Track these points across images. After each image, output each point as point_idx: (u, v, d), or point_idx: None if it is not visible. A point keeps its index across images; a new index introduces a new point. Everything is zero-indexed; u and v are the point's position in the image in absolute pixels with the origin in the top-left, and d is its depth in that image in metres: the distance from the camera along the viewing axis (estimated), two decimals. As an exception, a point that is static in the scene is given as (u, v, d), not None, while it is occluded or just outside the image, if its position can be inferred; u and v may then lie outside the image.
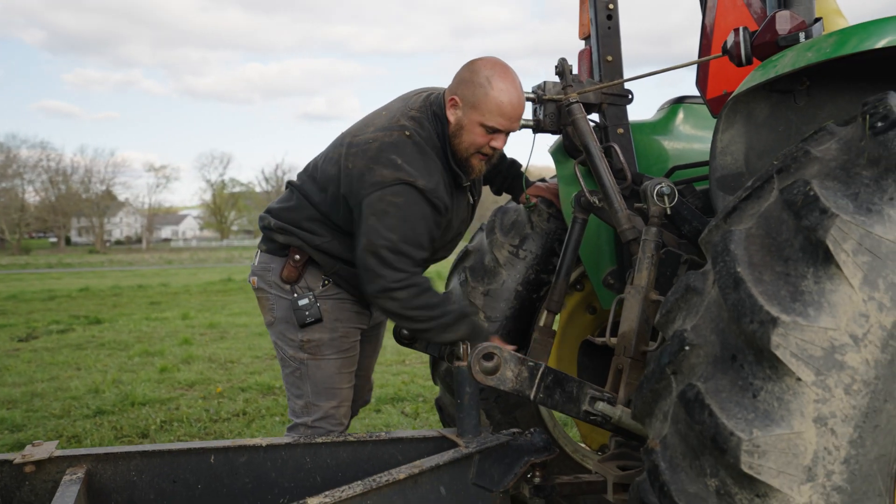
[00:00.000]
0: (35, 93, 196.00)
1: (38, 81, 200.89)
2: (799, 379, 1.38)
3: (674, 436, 1.54)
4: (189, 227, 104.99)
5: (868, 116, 1.54)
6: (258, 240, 3.17)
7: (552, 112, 2.85)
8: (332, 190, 2.78)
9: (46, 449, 2.57)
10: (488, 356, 2.12)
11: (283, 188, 3.06)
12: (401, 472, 2.08)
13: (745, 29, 2.08)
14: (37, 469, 2.50)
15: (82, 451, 2.56)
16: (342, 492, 1.97)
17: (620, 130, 2.92)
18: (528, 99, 2.87)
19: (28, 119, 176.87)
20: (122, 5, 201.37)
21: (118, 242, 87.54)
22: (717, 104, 2.70)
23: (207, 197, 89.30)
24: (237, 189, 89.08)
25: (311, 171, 2.95)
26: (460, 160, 2.75)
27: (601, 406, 2.16)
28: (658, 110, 3.30)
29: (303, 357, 2.86)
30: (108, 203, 79.37)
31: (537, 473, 2.34)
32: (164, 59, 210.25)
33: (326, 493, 1.95)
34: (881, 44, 1.75)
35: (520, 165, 3.19)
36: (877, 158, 1.47)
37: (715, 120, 2.87)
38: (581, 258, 2.97)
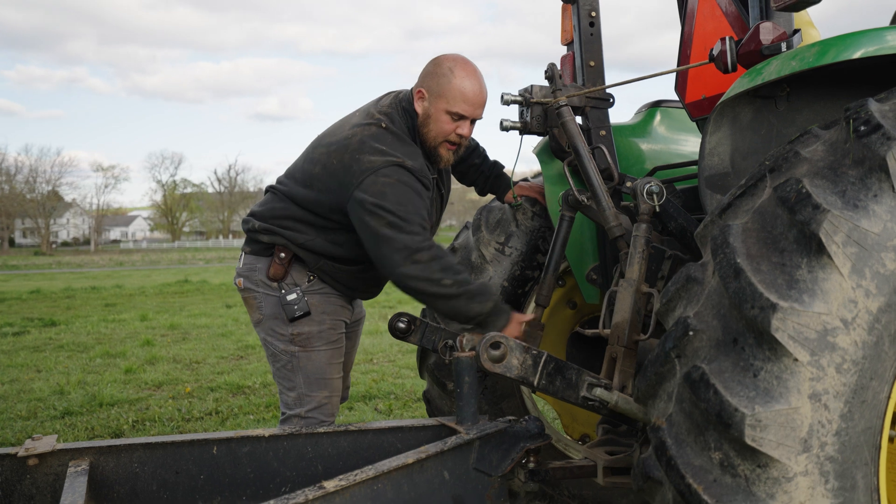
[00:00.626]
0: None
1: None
2: (796, 359, 1.52)
3: (679, 414, 1.67)
4: (139, 229, 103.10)
5: (851, 121, 1.68)
6: (210, 241, 3.26)
7: (539, 114, 2.97)
8: (317, 186, 2.88)
9: (48, 442, 2.59)
10: (495, 345, 2.23)
11: (234, 187, 3.18)
12: (409, 457, 2.17)
13: (730, 39, 2.23)
14: (39, 462, 2.53)
15: (85, 444, 2.59)
16: (356, 475, 2.05)
17: (603, 132, 3.06)
18: (514, 102, 3.00)
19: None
20: (66, 1, 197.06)
21: (65, 244, 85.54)
22: (695, 108, 2.85)
23: (158, 198, 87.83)
24: (189, 190, 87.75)
25: (292, 174, 3.05)
26: (430, 150, 2.89)
27: (598, 392, 2.28)
28: (636, 113, 3.45)
29: (294, 350, 2.95)
30: (54, 204, 77.49)
31: (531, 459, 2.45)
32: (110, 56, 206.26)
33: (341, 476, 2.04)
34: (857, 55, 1.90)
35: (502, 166, 3.32)
36: (861, 159, 1.62)
37: (692, 122, 3.04)
38: (565, 255, 3.10)
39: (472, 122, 2.90)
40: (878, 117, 1.65)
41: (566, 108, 2.80)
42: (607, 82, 3.04)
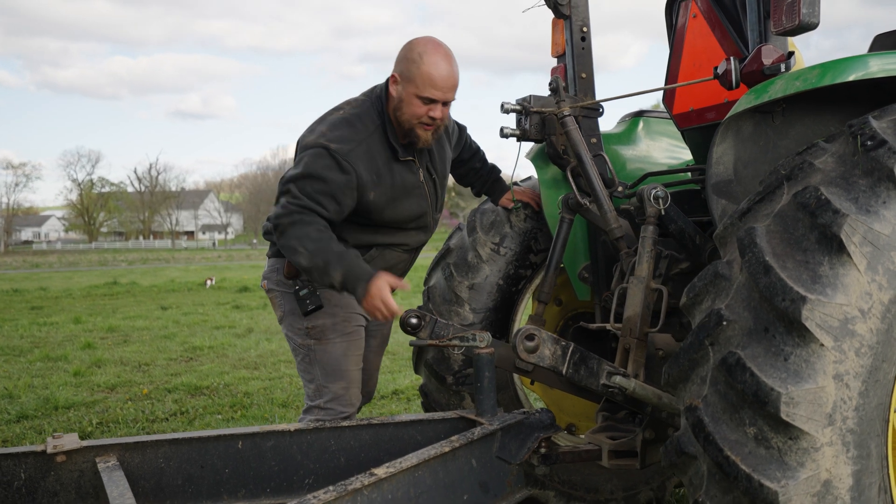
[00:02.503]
0: None
1: None
2: (822, 344, 1.74)
3: (714, 395, 1.87)
4: (52, 229, 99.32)
5: (858, 136, 1.92)
6: (131, 242, 3.40)
7: (537, 123, 3.16)
8: None
9: (72, 440, 2.64)
10: (530, 337, 2.41)
11: (155, 187, 3.35)
12: (444, 447, 2.33)
13: (734, 59, 2.46)
14: (66, 459, 2.57)
15: (110, 440, 2.65)
16: (401, 463, 2.20)
17: (594, 140, 3.27)
18: (514, 111, 3.19)
19: None
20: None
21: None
22: (683, 119, 3.09)
23: (74, 197, 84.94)
24: (107, 189, 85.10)
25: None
26: (406, 131, 3.02)
27: (618, 379, 2.49)
28: (619, 122, 3.68)
29: (310, 343, 3.08)
30: (-40, 203, 74.06)
31: (543, 445, 2.64)
32: (18, 48, 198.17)
33: (388, 463, 2.18)
34: (850, 78, 2.16)
35: (499, 171, 3.50)
36: (870, 170, 1.86)
37: (673, 131, 3.28)
38: (558, 253, 3.30)
39: (445, 104, 3.01)
40: (882, 133, 1.89)
41: (570, 118, 3.00)
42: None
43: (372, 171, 2.97)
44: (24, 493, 2.58)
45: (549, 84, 3.10)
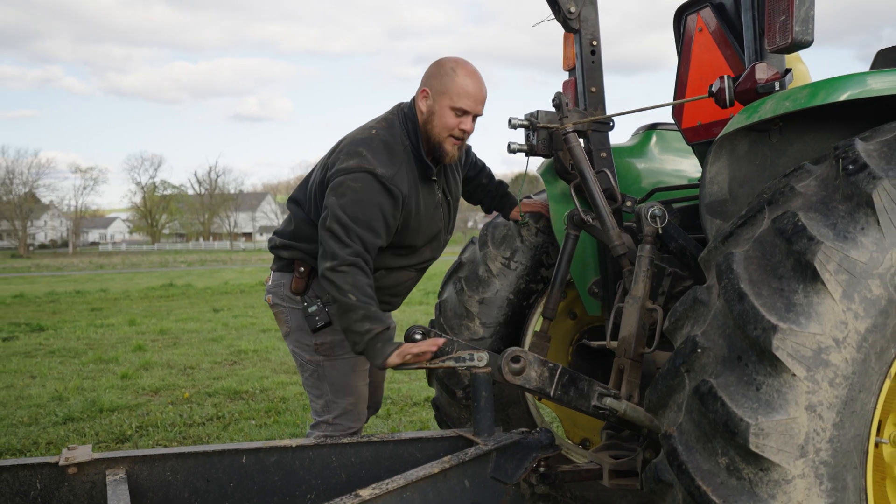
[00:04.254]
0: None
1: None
2: (794, 374, 1.72)
3: (688, 423, 1.86)
4: (118, 231, 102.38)
5: (841, 160, 1.88)
6: (191, 244, 3.43)
7: (544, 138, 3.16)
8: (318, 192, 3.07)
9: (84, 452, 2.75)
10: (516, 359, 2.42)
11: (214, 189, 3.35)
12: (434, 467, 2.35)
13: (728, 77, 2.43)
14: (78, 471, 2.68)
15: (121, 453, 2.75)
16: (387, 484, 2.23)
17: (604, 154, 3.25)
18: (521, 126, 3.19)
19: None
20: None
21: (42, 246, 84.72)
22: (692, 133, 3.05)
23: (137, 199, 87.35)
24: (169, 191, 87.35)
25: (307, 180, 3.24)
26: (435, 145, 3.05)
27: (609, 401, 2.48)
28: (633, 135, 3.65)
29: (319, 359, 3.13)
30: (31, 206, 76.80)
31: (542, 463, 2.64)
32: (85, 55, 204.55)
33: (374, 485, 2.21)
34: (843, 97, 2.11)
35: (506, 185, 3.52)
36: (850, 195, 1.82)
37: (687, 145, 3.24)
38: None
39: (474, 118, 3.05)
40: (864, 157, 1.85)
41: (573, 134, 2.99)
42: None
43: (409, 193, 3.02)
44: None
45: (553, 100, 3.09)
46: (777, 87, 2.33)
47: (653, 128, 3.55)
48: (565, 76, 3.46)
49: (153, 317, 14.20)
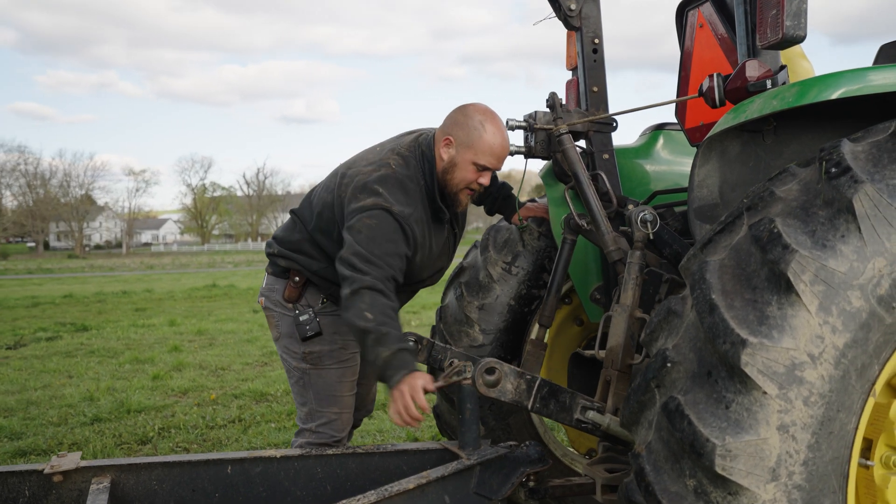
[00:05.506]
0: (7, 94, 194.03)
1: (11, 83, 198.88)
2: (765, 392, 1.60)
3: (657, 442, 1.76)
4: (169, 232, 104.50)
5: (824, 162, 1.76)
6: (240, 244, 3.40)
7: (543, 140, 3.07)
8: (327, 214, 3.04)
9: (72, 459, 2.74)
10: (490, 370, 2.33)
11: (262, 191, 3.30)
12: (410, 483, 2.28)
13: (718, 75, 2.31)
14: (64, 479, 2.67)
15: (107, 461, 2.73)
16: (357, 500, 2.17)
17: (606, 156, 3.14)
18: (519, 127, 3.11)
19: (0, 121, 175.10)
20: (95, 4, 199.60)
21: (98, 247, 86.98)
22: (694, 134, 2.93)
23: (188, 201, 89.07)
24: (218, 193, 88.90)
25: (310, 197, 3.21)
26: (450, 194, 3.01)
27: (591, 415, 2.38)
28: (640, 136, 3.53)
29: (305, 367, 3.10)
30: (87, 207, 78.85)
31: (531, 478, 2.55)
32: (139, 60, 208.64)
33: (343, 501, 2.15)
34: (835, 95, 1.98)
35: (510, 188, 3.42)
36: (831, 200, 1.70)
37: (693, 147, 3.11)
38: (570, 275, 3.19)
39: (493, 171, 3.03)
40: (849, 159, 1.73)
41: (567, 135, 2.89)
42: (618, 100, 3.13)
43: (420, 233, 2.97)
44: (28, 511, 2.70)
45: (547, 100, 3.00)
46: (769, 86, 2.20)
47: (660, 128, 3.43)
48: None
49: (194, 317, 14.39)
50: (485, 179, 2.97)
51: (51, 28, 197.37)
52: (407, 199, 2.91)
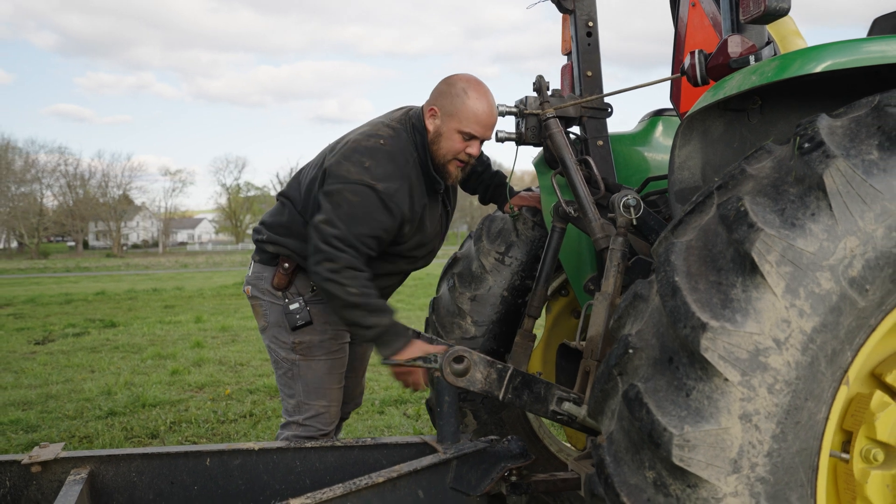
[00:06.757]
0: (48, 96, 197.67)
1: (51, 85, 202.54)
2: (726, 379, 1.51)
3: (619, 432, 1.67)
4: (205, 231, 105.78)
5: (798, 137, 1.66)
6: None
7: (534, 126, 2.98)
8: (315, 191, 2.95)
9: (53, 450, 2.72)
10: (458, 359, 2.26)
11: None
12: (380, 476, 2.22)
13: (700, 52, 2.21)
14: (43, 469, 2.65)
15: (86, 452, 2.71)
16: (323, 493, 2.11)
17: (600, 143, 3.06)
18: (510, 113, 3.02)
19: (42, 122, 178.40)
20: (130, 6, 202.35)
21: (135, 246, 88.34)
22: (689, 118, 2.82)
23: (223, 201, 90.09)
24: (252, 193, 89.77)
25: (299, 178, 3.15)
26: (439, 166, 2.93)
27: (567, 406, 2.29)
28: (639, 122, 3.43)
29: (294, 358, 3.03)
30: (124, 207, 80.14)
31: (514, 473, 2.47)
32: (175, 61, 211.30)
33: (308, 494, 2.10)
34: (819, 68, 1.87)
35: (504, 176, 3.34)
36: (802, 177, 1.60)
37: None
38: (563, 265, 3.10)
39: (482, 142, 2.94)
40: (824, 134, 1.63)
41: (553, 120, 2.81)
42: (618, 87, 3.04)
43: (411, 207, 2.91)
44: (9, 502, 2.69)
45: (533, 83, 2.91)
46: (752, 62, 2.10)
47: (659, 114, 3.32)
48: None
49: (220, 314, 14.49)
50: (473, 149, 2.89)
51: (89, 31, 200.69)
52: (396, 172, 2.84)
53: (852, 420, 1.74)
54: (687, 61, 2.24)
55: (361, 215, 2.76)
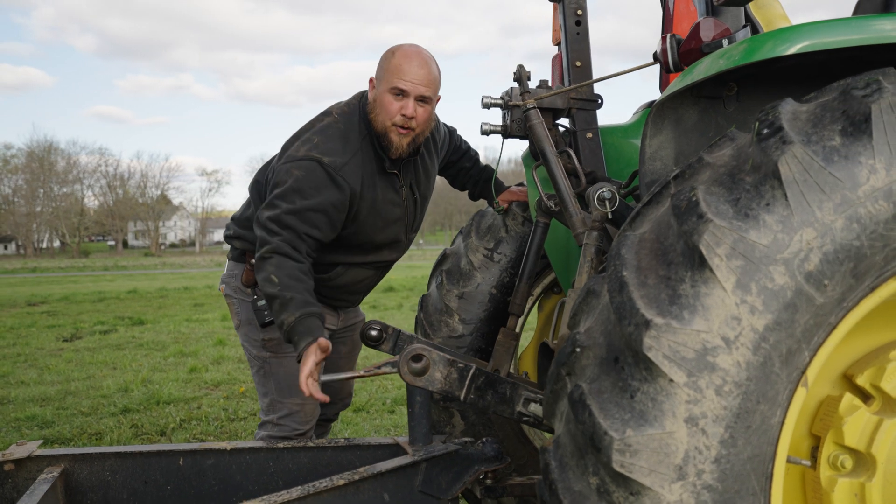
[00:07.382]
0: (89, 98, 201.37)
1: (92, 87, 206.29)
2: (671, 380, 1.42)
3: (565, 435, 1.58)
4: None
5: (758, 122, 1.56)
6: None
7: (519, 118, 2.89)
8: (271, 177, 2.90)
9: (27, 448, 2.71)
10: (416, 357, 2.18)
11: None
12: (341, 479, 2.15)
13: (672, 36, 2.11)
14: (17, 467, 2.63)
15: (61, 451, 2.69)
16: (279, 496, 2.05)
17: (590, 135, 2.96)
18: (495, 105, 2.93)
19: (83, 124, 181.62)
20: (169, 9, 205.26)
21: (173, 245, 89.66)
22: (676, 108, 2.71)
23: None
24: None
25: (265, 170, 3.08)
26: (380, 136, 2.85)
27: (534, 407, 2.20)
28: (633, 114, 3.32)
29: (266, 356, 2.97)
30: (162, 207, 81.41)
31: (489, 476, 2.39)
32: (212, 62, 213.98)
33: (263, 497, 2.04)
34: (792, 50, 1.75)
35: (492, 171, 3.26)
36: (758, 165, 1.50)
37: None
38: (551, 261, 3.01)
39: (420, 102, 2.82)
40: (784, 119, 1.52)
41: (534, 111, 2.72)
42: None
43: (361, 184, 2.83)
44: (-14, 498, 2.68)
45: (514, 74, 2.82)
46: (726, 45, 1.99)
47: (652, 106, 3.20)
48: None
49: (246, 312, 14.54)
50: (407, 109, 2.77)
51: (129, 34, 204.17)
52: (344, 147, 2.80)
53: (820, 424, 1.64)
54: (659, 46, 2.14)
55: (307, 189, 2.69)
